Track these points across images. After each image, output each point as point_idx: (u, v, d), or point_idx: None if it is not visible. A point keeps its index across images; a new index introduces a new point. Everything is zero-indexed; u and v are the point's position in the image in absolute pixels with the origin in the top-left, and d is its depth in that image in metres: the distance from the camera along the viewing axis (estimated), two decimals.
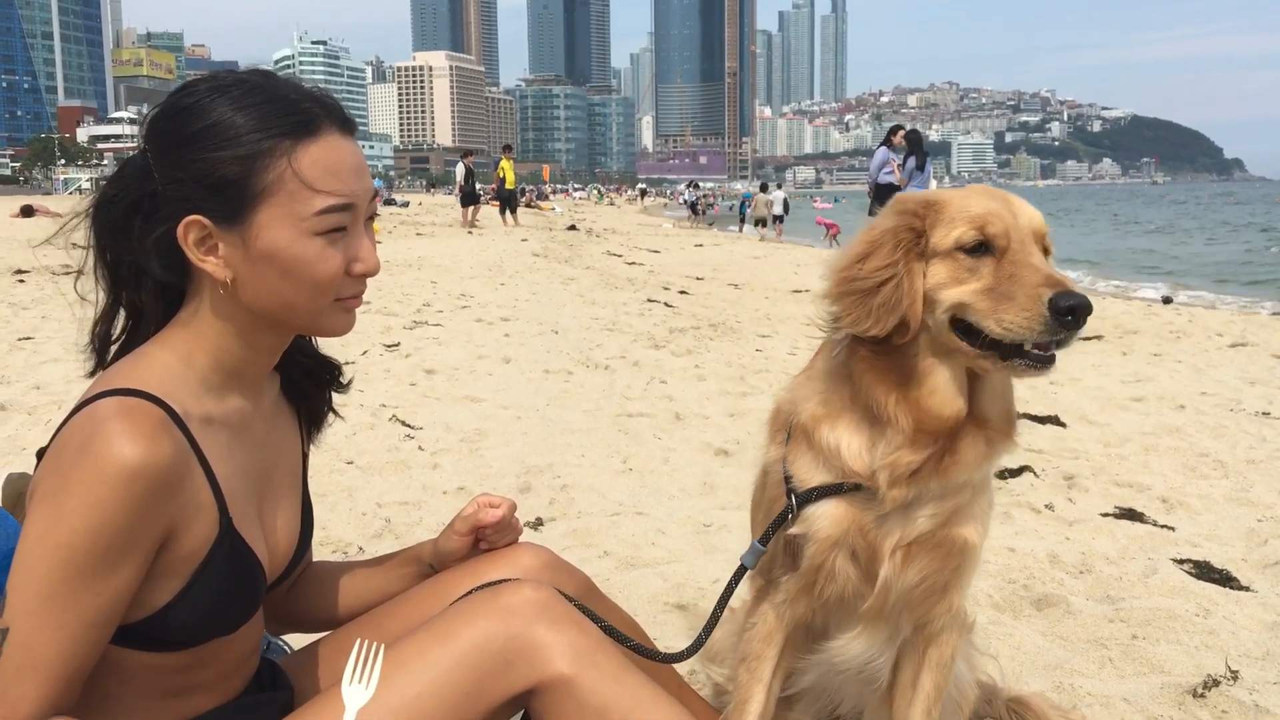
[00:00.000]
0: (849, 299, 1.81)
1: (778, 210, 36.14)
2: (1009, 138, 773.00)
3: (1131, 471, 5.08)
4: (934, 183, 17.05)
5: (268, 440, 1.83)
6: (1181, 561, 3.81)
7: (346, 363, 2.00)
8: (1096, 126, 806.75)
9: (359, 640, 1.69)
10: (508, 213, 29.49)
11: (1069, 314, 1.65)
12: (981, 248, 1.76)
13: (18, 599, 1.46)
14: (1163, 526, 4.24)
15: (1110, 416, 6.32)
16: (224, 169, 1.57)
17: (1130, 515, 4.36)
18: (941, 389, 1.80)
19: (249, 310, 1.66)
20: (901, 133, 17.01)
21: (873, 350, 1.82)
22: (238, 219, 1.59)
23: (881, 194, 16.92)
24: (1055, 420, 6.07)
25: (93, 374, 1.73)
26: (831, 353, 1.92)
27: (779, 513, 1.96)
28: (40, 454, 1.57)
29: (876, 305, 1.77)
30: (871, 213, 17.43)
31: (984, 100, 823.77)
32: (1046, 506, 4.49)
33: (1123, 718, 2.69)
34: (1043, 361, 1.72)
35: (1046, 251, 1.78)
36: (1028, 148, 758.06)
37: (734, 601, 2.19)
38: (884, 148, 16.87)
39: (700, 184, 50.65)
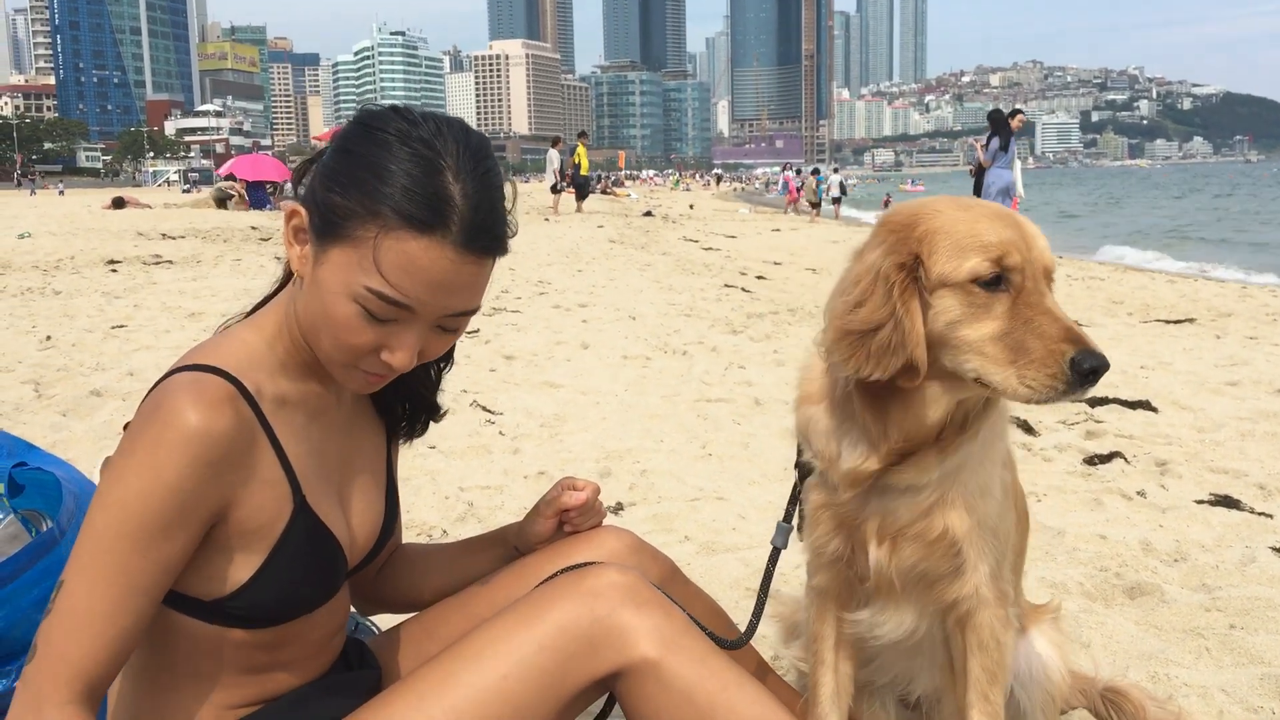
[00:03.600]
0: (846, 345, 1.71)
1: (835, 193, 38.64)
2: (1095, 117, 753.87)
3: (1227, 457, 4.93)
4: (1018, 164, 16.72)
5: (350, 426, 1.86)
6: None
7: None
8: (1187, 104, 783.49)
9: None
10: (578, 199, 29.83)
11: (1091, 375, 1.57)
12: (996, 281, 1.65)
13: (76, 553, 1.52)
14: (1260, 514, 4.11)
15: (1204, 401, 6.13)
16: (337, 197, 1.58)
17: (1226, 502, 4.23)
18: (933, 416, 1.76)
19: (299, 317, 1.68)
20: (1020, 117, 16.77)
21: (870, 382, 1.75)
22: (321, 239, 1.61)
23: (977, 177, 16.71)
24: (1146, 405, 5.91)
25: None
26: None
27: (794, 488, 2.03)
28: (126, 428, 1.62)
29: (875, 350, 1.67)
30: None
31: (1069, 79, 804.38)
32: (1138, 493, 4.37)
33: (1221, 709, 2.61)
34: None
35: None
36: (1115, 127, 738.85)
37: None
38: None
39: (801, 168, 49.94)
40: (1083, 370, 1.56)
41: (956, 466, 1.83)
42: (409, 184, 1.55)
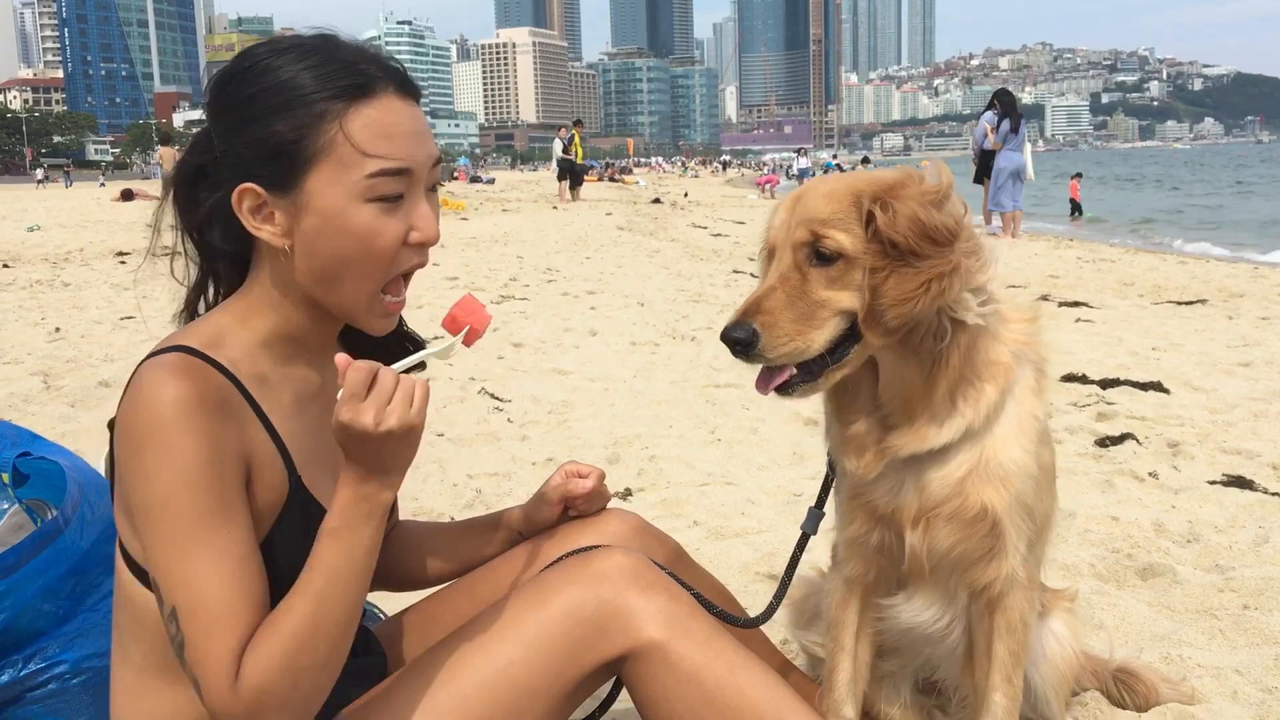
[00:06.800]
0: None
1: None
2: (1105, 99, 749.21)
3: (1240, 438, 4.89)
4: (1028, 146, 16.64)
5: None
6: None
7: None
8: (1197, 85, 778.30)
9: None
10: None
11: (727, 343, 1.81)
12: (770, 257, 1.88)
13: (160, 573, 1.47)
14: (1273, 494, 4.08)
15: (1216, 382, 6.09)
16: (276, 133, 1.54)
17: (1239, 483, 4.20)
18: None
19: (305, 281, 1.63)
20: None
21: None
22: (291, 185, 1.56)
23: (985, 160, 16.65)
24: (1158, 386, 5.87)
25: None
26: None
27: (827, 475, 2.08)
28: (111, 425, 1.60)
29: None
30: (976, 180, 17.14)
31: (1079, 60, 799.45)
32: (1150, 474, 4.34)
33: (1235, 689, 2.59)
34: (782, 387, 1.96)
35: (825, 254, 1.77)
36: (1125, 109, 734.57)
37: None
38: (989, 112, 16.59)
39: (810, 151, 49.56)
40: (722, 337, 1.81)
41: (977, 432, 1.82)
42: (321, 71, 1.56)
